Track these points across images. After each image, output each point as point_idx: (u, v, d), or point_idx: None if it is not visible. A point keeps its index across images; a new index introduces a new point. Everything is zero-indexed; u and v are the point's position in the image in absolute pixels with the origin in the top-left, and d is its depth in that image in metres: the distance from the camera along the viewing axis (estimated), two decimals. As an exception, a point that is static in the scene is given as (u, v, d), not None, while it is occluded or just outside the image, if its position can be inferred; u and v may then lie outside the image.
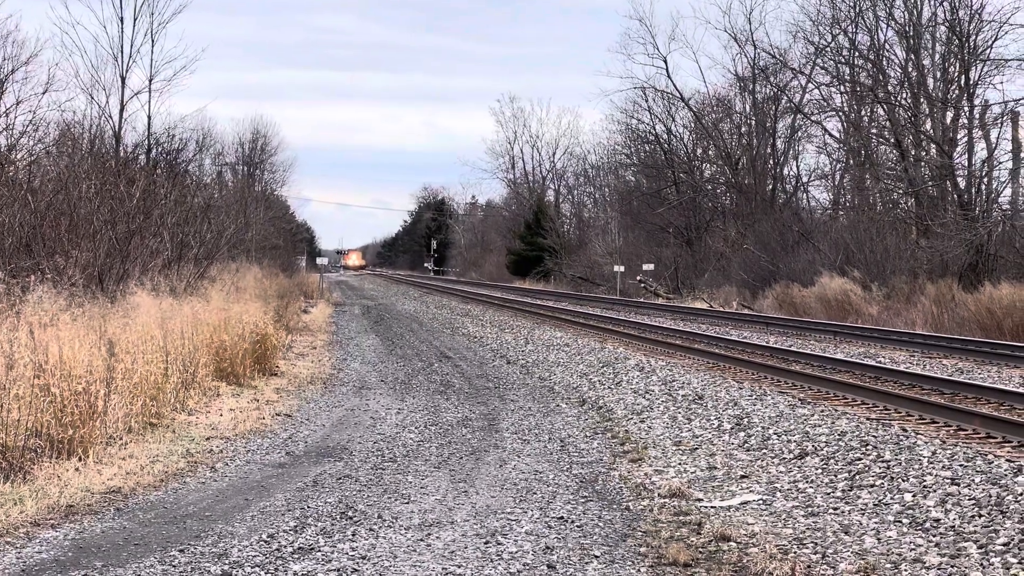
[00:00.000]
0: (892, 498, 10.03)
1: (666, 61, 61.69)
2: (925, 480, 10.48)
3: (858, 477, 10.93)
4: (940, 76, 44.73)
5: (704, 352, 23.38)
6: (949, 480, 10.38)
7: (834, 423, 13.80)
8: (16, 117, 26.34)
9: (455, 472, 11.46)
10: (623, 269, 56.96)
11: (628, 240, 66.38)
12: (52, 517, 9.26)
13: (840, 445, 12.39)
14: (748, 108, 60.23)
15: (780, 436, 13.24)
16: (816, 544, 8.69)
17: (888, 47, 47.30)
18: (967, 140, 42.76)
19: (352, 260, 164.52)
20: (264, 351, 19.87)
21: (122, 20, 36.85)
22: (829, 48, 50.56)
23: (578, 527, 9.15)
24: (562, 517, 9.46)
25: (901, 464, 11.21)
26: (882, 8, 46.45)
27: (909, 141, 45.41)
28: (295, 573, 7.76)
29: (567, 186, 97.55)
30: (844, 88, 50.87)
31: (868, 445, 12.24)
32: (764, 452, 12.57)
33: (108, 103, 35.58)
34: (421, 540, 8.64)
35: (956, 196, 41.58)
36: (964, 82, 43.00)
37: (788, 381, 18.36)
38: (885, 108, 47.04)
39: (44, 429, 11.03)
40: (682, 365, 21.43)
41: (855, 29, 48.42)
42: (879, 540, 8.79)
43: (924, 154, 45.01)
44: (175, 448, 12.33)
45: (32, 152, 24.84)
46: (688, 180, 62.75)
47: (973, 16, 42.08)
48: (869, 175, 48.78)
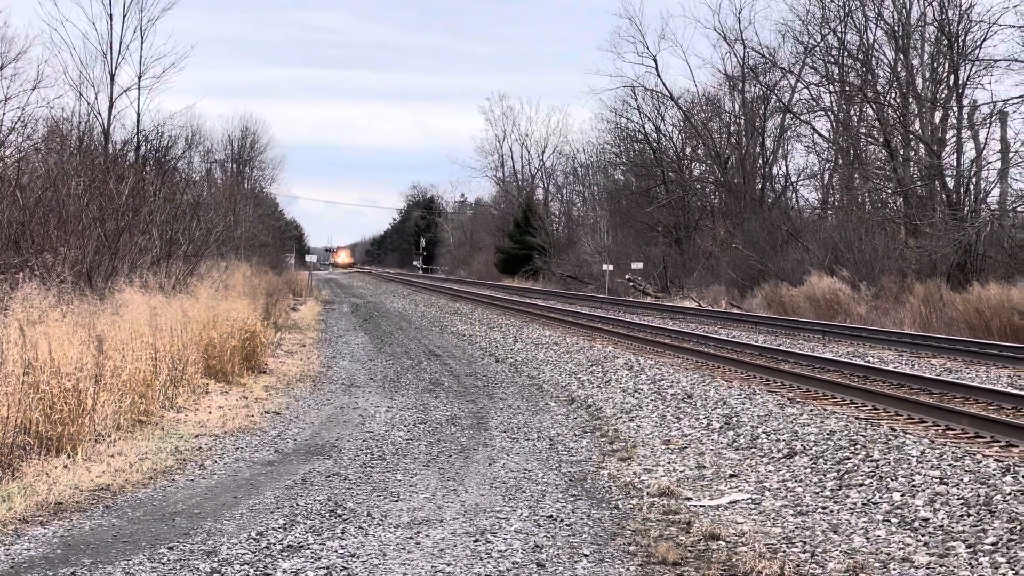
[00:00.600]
0: (881, 497, 10.05)
1: (656, 60, 61.24)
2: (914, 479, 10.51)
3: (847, 476, 10.95)
4: (929, 76, 44.83)
5: (693, 351, 23.39)
6: (938, 479, 10.40)
7: (823, 422, 13.82)
8: (4, 114, 26.31)
9: (444, 470, 11.46)
10: (612, 268, 56.99)
11: (617, 239, 66.37)
12: (41, 514, 9.25)
13: (829, 444, 12.41)
14: (737, 107, 60.33)
15: (769, 435, 13.26)
16: (805, 543, 8.70)
17: (877, 47, 47.44)
18: (956, 140, 42.82)
19: (341, 258, 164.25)
20: (253, 349, 19.86)
21: (111, 17, 36.70)
22: (818, 48, 50.68)
23: (567, 526, 9.16)
24: (551, 516, 9.47)
25: (890, 463, 11.24)
26: (871, 8, 46.57)
27: (898, 141, 45.49)
28: (284, 571, 7.75)
29: (556, 185, 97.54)
30: (833, 88, 50.97)
31: (857, 444, 12.26)
32: (753, 451, 12.59)
33: (97, 100, 35.47)
34: (410, 538, 8.63)
35: (945, 196, 41.64)
36: (953, 82, 43.10)
37: (777, 380, 18.38)
38: (874, 108, 47.12)
39: (33, 426, 11.02)
40: (671, 364, 21.44)
41: (844, 29, 48.58)
42: (868, 539, 8.81)
43: (913, 154, 45.10)
44: (164, 446, 12.32)
45: (21, 149, 24.75)
46: (677, 179, 62.75)
47: (962, 16, 42.16)
48: (858, 175, 48.84)
